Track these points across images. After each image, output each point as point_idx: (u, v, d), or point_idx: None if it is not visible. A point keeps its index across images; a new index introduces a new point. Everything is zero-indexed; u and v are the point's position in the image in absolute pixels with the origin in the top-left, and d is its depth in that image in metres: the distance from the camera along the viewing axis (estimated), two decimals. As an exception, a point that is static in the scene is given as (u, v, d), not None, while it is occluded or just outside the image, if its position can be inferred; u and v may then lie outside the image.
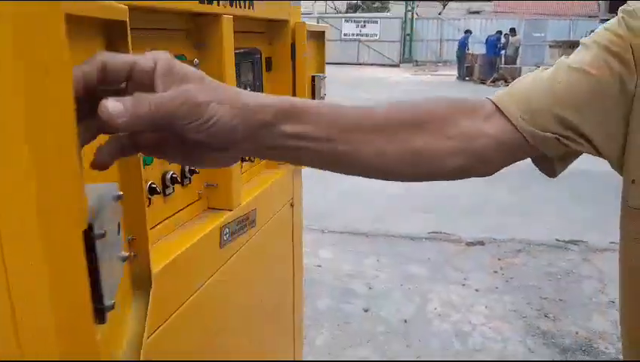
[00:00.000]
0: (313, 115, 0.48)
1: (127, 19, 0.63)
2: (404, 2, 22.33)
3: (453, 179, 0.56)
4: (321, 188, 4.12)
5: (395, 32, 21.60)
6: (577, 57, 0.55)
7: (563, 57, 0.56)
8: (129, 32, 0.64)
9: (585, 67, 0.53)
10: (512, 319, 2.70)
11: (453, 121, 0.53)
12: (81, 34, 0.58)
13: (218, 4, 1.02)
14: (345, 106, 0.51)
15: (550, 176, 0.60)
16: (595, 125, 0.53)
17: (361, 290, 2.95)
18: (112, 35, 0.64)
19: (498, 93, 0.57)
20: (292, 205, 1.50)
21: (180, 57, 0.98)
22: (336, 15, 24.00)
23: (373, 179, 0.55)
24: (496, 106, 0.55)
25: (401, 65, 20.87)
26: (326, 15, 23.35)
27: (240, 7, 1.12)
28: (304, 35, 1.40)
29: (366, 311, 2.74)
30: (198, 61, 1.04)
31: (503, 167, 0.57)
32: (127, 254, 0.44)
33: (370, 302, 2.83)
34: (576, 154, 0.58)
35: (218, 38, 1.04)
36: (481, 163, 0.54)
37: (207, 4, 0.99)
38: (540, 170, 0.60)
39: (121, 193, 0.41)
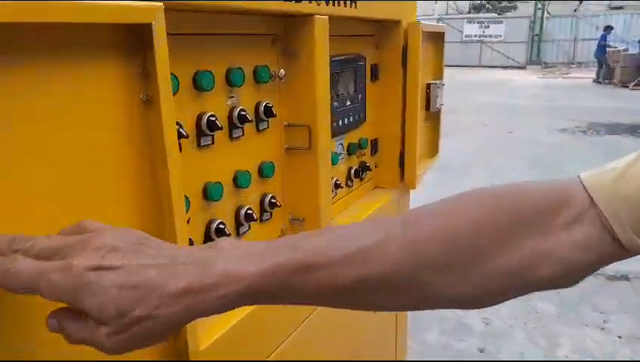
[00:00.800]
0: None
1: (155, 22, 0.45)
2: (533, 1, 20.81)
3: None
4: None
5: (521, 33, 20.22)
6: None
7: None
8: (158, 37, 0.46)
9: None
10: (669, 381, 2.20)
11: (507, 248, 0.42)
12: (92, 44, 0.41)
13: (309, 2, 0.82)
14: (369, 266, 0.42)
15: None
16: None
17: (476, 326, 2.63)
18: (140, 41, 0.47)
19: (596, 179, 0.43)
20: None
21: (263, 68, 0.81)
22: (458, 16, 23.02)
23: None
24: (591, 199, 0.42)
25: (527, 67, 19.46)
26: (447, 16, 22.54)
27: (339, 5, 0.91)
28: (419, 36, 1.17)
29: (481, 351, 2.43)
30: (284, 72, 0.86)
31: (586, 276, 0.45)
32: None
33: (487, 340, 2.50)
34: None
35: (309, 43, 0.85)
36: (547, 287, 0.44)
37: (295, 2, 0.79)
38: None
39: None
